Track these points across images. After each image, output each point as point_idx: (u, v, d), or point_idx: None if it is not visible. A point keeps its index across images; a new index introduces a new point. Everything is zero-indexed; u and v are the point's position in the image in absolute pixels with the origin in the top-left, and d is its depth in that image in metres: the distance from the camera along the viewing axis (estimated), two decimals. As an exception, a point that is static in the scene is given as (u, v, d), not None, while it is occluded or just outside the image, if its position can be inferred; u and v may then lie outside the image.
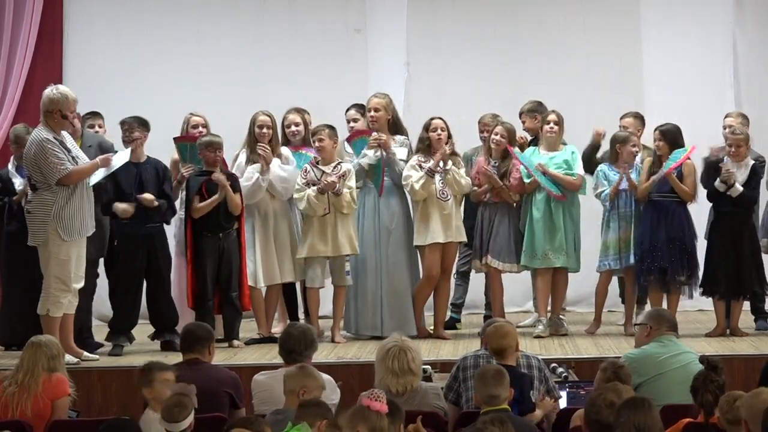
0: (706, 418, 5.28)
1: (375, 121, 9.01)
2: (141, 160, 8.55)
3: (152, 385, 5.83)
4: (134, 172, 8.48)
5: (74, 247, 7.85)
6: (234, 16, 11.20)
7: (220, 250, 8.62)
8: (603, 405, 4.97)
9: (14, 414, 6.01)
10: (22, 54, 10.60)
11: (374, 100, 9.08)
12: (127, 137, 8.60)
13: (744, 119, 9.45)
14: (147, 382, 5.85)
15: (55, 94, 7.85)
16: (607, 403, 4.97)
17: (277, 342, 6.68)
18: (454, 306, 9.75)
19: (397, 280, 8.98)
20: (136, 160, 8.51)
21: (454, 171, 8.84)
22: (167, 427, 5.37)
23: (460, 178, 8.85)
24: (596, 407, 4.99)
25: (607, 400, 4.99)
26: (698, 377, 5.43)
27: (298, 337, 6.36)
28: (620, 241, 8.84)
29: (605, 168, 8.92)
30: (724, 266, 8.72)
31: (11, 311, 8.71)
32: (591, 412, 5.01)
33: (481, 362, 6.16)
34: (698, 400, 5.36)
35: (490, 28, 11.16)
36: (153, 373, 5.87)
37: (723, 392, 5.27)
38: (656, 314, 6.73)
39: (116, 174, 8.35)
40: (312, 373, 5.84)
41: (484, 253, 8.98)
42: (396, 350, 6.01)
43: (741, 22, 11.09)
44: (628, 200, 8.85)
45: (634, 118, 9.38)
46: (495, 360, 6.07)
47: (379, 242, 8.96)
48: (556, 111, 9.07)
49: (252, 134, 8.87)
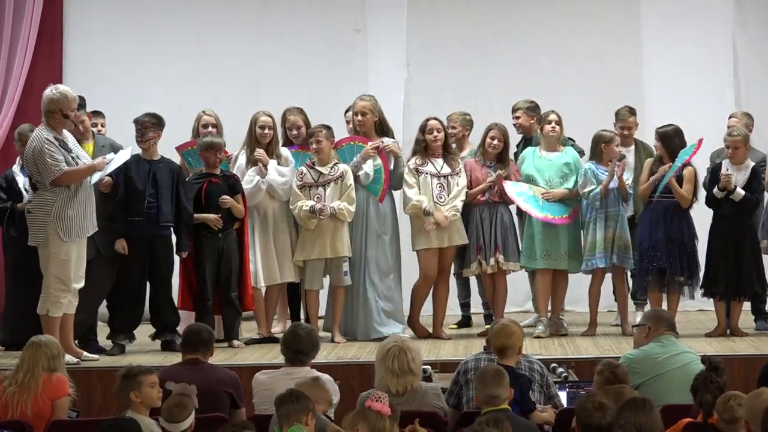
0: (705, 419, 5.28)
1: (362, 124, 8.97)
2: (155, 158, 8.53)
3: (141, 389, 5.76)
4: (147, 169, 8.45)
5: (74, 247, 7.84)
6: (234, 15, 11.21)
7: (220, 250, 8.61)
8: (592, 408, 4.98)
9: (14, 414, 6.00)
10: (22, 54, 10.60)
11: (360, 103, 9.00)
12: (140, 137, 8.52)
13: (749, 119, 9.46)
14: (135, 386, 5.77)
15: (55, 94, 7.85)
16: (596, 406, 4.98)
17: (277, 342, 6.67)
18: (463, 306, 9.74)
19: (385, 283, 8.96)
20: (149, 157, 8.51)
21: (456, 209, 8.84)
22: (168, 427, 5.38)
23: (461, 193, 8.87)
24: (586, 410, 5.00)
25: (596, 403, 5.00)
26: (699, 377, 5.43)
27: (305, 338, 6.36)
28: (606, 240, 8.83)
29: (593, 166, 8.90)
30: (725, 267, 8.71)
31: (15, 311, 8.71)
32: (582, 416, 5.02)
33: (481, 364, 6.15)
34: (698, 400, 5.37)
35: (489, 28, 11.17)
36: (140, 376, 5.79)
37: (723, 393, 5.28)
38: (654, 315, 6.73)
39: (128, 170, 8.35)
40: (324, 386, 5.89)
41: (492, 254, 8.94)
42: (396, 350, 6.01)
43: (741, 22, 11.10)
44: (615, 200, 8.84)
45: (628, 112, 9.39)
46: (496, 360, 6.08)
47: (367, 245, 8.93)
48: (556, 111, 9.07)
49: (252, 134, 8.87)
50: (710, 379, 5.36)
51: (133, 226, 8.40)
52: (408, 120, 10.24)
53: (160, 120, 8.56)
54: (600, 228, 8.82)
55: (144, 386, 5.78)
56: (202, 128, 9.00)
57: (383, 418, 4.84)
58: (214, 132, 8.94)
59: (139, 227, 8.40)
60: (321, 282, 8.93)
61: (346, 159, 8.96)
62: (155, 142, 8.53)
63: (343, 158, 8.96)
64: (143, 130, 8.49)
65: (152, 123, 8.51)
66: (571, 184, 8.96)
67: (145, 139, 8.48)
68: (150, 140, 8.48)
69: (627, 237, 8.84)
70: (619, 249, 8.81)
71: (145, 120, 8.52)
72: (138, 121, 8.55)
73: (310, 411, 5.16)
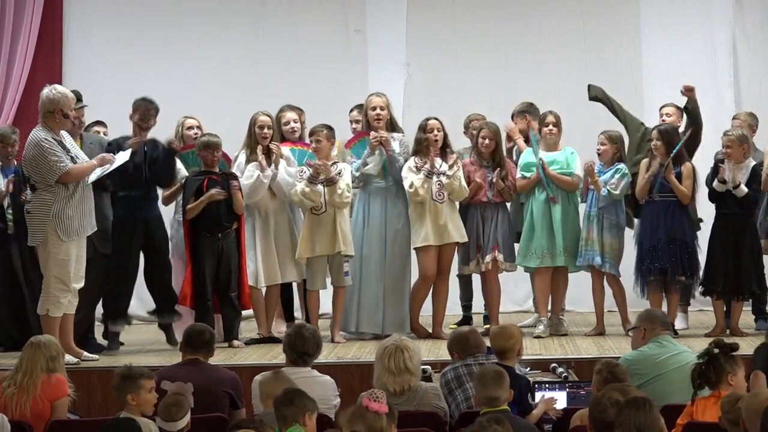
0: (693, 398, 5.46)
1: (380, 119, 9.01)
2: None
3: (139, 392, 5.69)
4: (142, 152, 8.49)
5: (74, 247, 7.85)
6: (234, 16, 11.22)
7: (219, 250, 8.61)
8: (608, 404, 4.97)
9: (14, 415, 5.99)
10: (22, 55, 10.62)
11: (376, 99, 9.06)
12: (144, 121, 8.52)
13: (753, 119, 9.45)
14: (134, 388, 5.69)
15: (55, 94, 7.85)
16: (612, 402, 4.97)
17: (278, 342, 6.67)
18: (465, 308, 9.74)
19: (401, 279, 9.00)
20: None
21: (458, 177, 8.83)
22: (165, 426, 5.37)
23: (461, 187, 8.84)
24: (601, 406, 4.99)
25: (612, 399, 5.00)
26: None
27: (309, 339, 6.35)
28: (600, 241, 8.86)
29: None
30: (724, 266, 8.71)
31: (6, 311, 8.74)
32: (596, 411, 5.01)
33: (461, 371, 6.19)
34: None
35: (489, 28, 11.17)
36: (141, 380, 5.72)
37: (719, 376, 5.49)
38: (648, 316, 6.69)
39: None
40: (288, 379, 5.91)
41: (490, 251, 8.95)
42: (392, 349, 6.02)
43: (741, 22, 11.10)
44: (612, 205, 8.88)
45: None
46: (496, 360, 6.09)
47: (386, 242, 8.96)
48: (554, 112, 9.06)
49: (252, 135, 8.87)
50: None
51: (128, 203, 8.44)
52: (408, 120, 10.23)
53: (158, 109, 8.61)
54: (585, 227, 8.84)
55: (143, 390, 5.70)
56: (186, 131, 9.08)
57: (381, 417, 4.83)
58: (198, 134, 8.96)
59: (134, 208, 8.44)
60: (324, 282, 8.93)
61: (359, 155, 9.01)
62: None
63: (357, 155, 9.02)
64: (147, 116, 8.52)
65: (156, 110, 8.57)
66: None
67: (149, 126, 8.53)
68: (151, 128, 8.52)
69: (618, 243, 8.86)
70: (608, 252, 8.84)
71: (149, 106, 8.56)
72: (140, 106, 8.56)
73: (308, 411, 5.16)
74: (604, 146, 8.91)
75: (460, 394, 6.16)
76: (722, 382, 5.56)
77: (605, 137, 8.93)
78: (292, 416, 5.12)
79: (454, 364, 6.40)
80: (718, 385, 5.55)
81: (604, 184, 8.82)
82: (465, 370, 6.23)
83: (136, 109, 8.57)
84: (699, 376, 5.60)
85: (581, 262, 8.90)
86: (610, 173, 8.86)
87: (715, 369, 5.57)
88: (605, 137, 8.93)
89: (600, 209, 8.84)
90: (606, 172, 8.87)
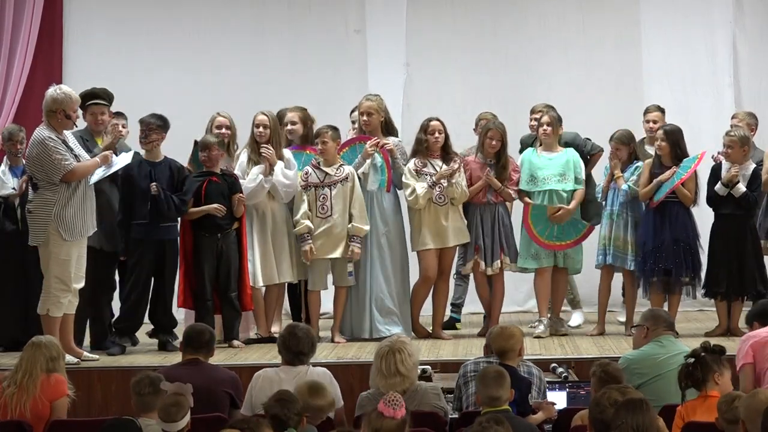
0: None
1: (368, 124, 8.96)
2: (157, 160, 8.52)
3: (159, 395, 5.66)
4: (148, 171, 8.44)
5: (75, 247, 7.85)
6: (234, 16, 11.21)
7: (219, 250, 8.60)
8: (607, 404, 4.98)
9: (13, 415, 6.00)
10: (22, 54, 10.61)
11: (366, 103, 8.99)
12: (144, 138, 8.50)
13: (752, 119, 9.44)
14: (155, 392, 5.67)
15: (59, 94, 7.85)
16: (612, 402, 4.98)
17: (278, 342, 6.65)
18: (454, 306, 9.75)
19: (390, 283, 8.95)
20: (152, 159, 8.51)
21: (459, 184, 8.82)
22: (165, 427, 5.36)
23: (462, 190, 8.84)
24: (600, 406, 5.00)
25: (612, 399, 5.00)
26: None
27: (303, 338, 6.35)
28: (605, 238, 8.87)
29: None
30: (726, 267, 8.72)
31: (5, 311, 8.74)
32: (595, 411, 5.02)
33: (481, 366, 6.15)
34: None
35: (489, 28, 11.16)
36: (162, 384, 5.73)
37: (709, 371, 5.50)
38: (652, 315, 6.71)
39: (130, 170, 8.34)
40: (325, 393, 5.83)
41: (498, 255, 8.92)
42: (385, 351, 5.98)
43: (741, 22, 11.09)
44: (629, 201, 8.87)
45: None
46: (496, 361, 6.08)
47: (372, 245, 8.93)
48: (551, 112, 9.04)
49: (253, 134, 8.87)
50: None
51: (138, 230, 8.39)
52: (407, 120, 10.23)
53: (165, 122, 8.53)
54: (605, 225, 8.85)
55: (161, 394, 5.62)
56: (215, 129, 8.94)
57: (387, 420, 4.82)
58: (228, 134, 8.91)
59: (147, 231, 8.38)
60: (324, 283, 8.93)
61: (351, 161, 8.96)
62: (158, 144, 8.52)
63: (348, 161, 8.96)
64: (147, 132, 8.47)
65: (157, 125, 8.48)
66: (570, 185, 8.94)
67: (149, 140, 8.48)
68: (153, 142, 8.48)
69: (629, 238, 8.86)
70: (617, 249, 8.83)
71: (150, 121, 8.49)
72: (143, 122, 8.52)
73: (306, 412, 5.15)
74: (618, 151, 8.89)
75: (472, 387, 6.13)
76: (708, 381, 5.57)
77: (617, 143, 8.89)
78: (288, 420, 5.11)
79: (479, 357, 6.40)
80: (704, 384, 5.56)
81: (625, 181, 8.81)
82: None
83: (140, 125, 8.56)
84: (686, 377, 5.60)
85: (610, 261, 8.86)
86: (630, 171, 8.86)
87: (702, 368, 5.57)
88: (617, 143, 8.89)
89: (621, 205, 8.83)
90: (625, 171, 8.87)
